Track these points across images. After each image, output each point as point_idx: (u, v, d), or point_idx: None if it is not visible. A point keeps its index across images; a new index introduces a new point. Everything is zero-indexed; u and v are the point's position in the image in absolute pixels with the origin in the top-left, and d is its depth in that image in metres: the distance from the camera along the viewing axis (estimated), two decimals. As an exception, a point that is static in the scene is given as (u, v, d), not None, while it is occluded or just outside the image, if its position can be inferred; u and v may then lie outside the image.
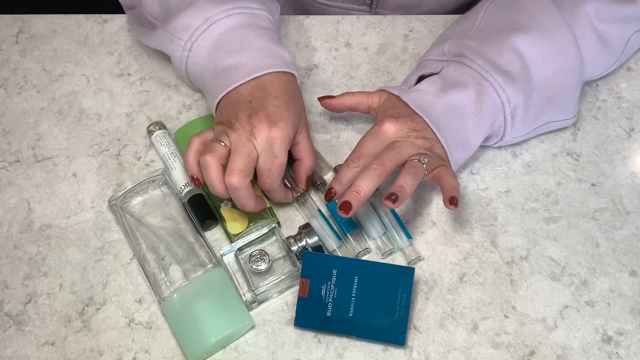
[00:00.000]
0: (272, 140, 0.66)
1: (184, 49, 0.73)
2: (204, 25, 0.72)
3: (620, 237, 0.73)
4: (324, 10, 0.93)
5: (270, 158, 0.66)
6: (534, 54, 0.70)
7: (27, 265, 0.72)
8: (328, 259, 0.69)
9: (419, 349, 0.68)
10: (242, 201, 0.67)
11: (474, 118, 0.70)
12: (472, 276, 0.71)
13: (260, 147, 0.66)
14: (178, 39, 0.73)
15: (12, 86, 0.83)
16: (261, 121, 0.66)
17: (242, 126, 0.66)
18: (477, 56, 0.70)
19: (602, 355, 0.67)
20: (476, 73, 0.70)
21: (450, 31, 0.77)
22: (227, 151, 0.66)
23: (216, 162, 0.66)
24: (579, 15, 0.72)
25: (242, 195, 0.67)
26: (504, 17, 0.73)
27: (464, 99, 0.70)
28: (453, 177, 0.66)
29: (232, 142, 0.66)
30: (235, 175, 0.65)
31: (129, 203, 0.74)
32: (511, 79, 0.69)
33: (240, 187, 0.65)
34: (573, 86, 0.73)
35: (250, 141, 0.66)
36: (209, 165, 0.66)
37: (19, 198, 0.76)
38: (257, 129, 0.66)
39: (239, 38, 0.72)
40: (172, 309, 0.68)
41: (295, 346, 0.68)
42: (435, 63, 0.74)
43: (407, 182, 0.65)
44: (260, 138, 0.66)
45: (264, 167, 0.67)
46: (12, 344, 0.69)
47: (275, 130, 0.66)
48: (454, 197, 0.65)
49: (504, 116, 0.71)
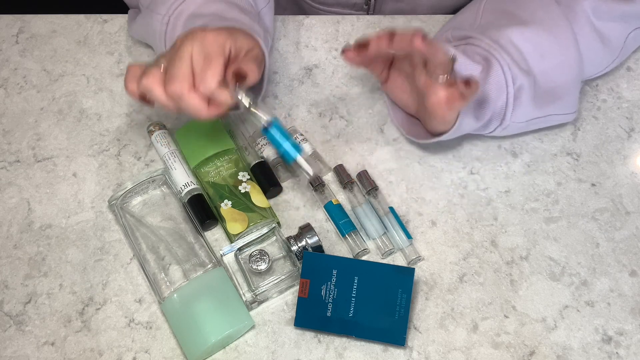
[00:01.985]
0: (204, 39, 0.63)
1: (162, 22, 0.73)
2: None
3: (620, 237, 0.73)
4: None
5: (201, 56, 0.63)
6: (532, 48, 0.70)
7: (27, 265, 0.72)
8: (328, 259, 0.69)
9: (419, 349, 0.68)
10: (192, 109, 0.64)
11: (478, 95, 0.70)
12: (472, 276, 0.71)
13: (191, 48, 0.63)
14: (157, 14, 0.74)
15: (12, 86, 0.83)
16: (196, 28, 0.64)
17: (177, 41, 0.64)
18: (484, 37, 0.71)
19: (602, 355, 0.67)
20: (484, 50, 0.70)
21: (450, 24, 0.78)
22: (163, 72, 0.64)
23: (155, 82, 0.64)
24: (577, 12, 0.72)
25: (189, 101, 0.63)
26: (504, 12, 0.74)
27: (473, 72, 0.69)
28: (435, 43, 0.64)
29: (167, 59, 0.64)
30: (171, 84, 0.63)
31: (129, 203, 0.74)
32: (516, 62, 0.69)
33: (181, 93, 0.63)
34: (573, 81, 0.73)
35: (182, 46, 0.63)
36: (149, 87, 0.64)
37: (19, 198, 0.76)
38: (190, 32, 0.64)
39: (213, 9, 0.73)
40: (172, 309, 0.68)
41: (295, 346, 0.68)
42: None
43: None
44: (191, 39, 0.63)
45: (196, 68, 0.63)
46: (12, 344, 0.69)
47: (208, 31, 0.64)
48: (422, 35, 0.62)
49: (507, 96, 0.70)
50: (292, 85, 0.82)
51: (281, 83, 0.82)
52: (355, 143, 0.78)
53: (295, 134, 0.78)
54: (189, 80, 0.63)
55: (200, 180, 0.75)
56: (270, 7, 0.81)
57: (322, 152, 0.78)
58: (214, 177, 0.74)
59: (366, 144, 0.78)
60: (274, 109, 0.80)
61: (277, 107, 0.81)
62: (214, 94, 0.64)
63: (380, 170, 0.76)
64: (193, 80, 0.63)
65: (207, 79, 0.63)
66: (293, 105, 0.81)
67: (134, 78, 0.65)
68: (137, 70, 0.65)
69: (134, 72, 0.65)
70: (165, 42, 0.75)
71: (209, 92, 0.63)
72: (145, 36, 0.80)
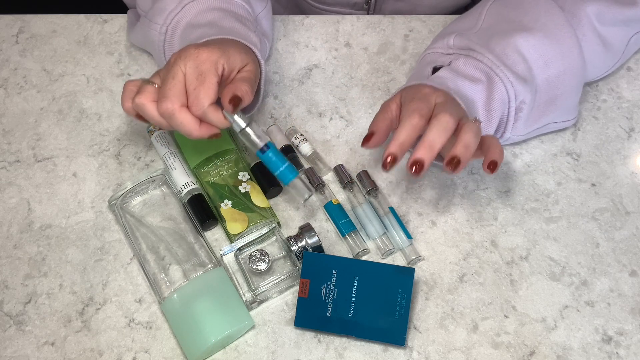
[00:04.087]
0: (197, 58, 0.63)
1: (160, 32, 0.74)
2: (178, 7, 0.73)
3: (620, 237, 0.73)
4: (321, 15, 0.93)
5: (194, 75, 0.63)
6: (537, 56, 0.70)
7: (27, 265, 0.72)
8: (328, 259, 0.69)
9: (419, 349, 0.68)
10: (182, 127, 0.64)
11: (484, 113, 0.70)
12: (472, 276, 0.71)
13: (185, 67, 0.63)
14: (155, 24, 0.74)
15: (12, 86, 0.83)
16: (190, 46, 0.64)
17: (171, 59, 0.64)
18: (487, 51, 0.70)
19: (602, 355, 0.67)
20: (487, 67, 0.70)
21: (451, 27, 0.77)
22: (156, 89, 0.64)
23: (148, 100, 0.64)
24: (581, 18, 0.72)
25: (180, 120, 0.63)
26: (507, 18, 0.73)
27: (476, 93, 0.69)
28: (494, 138, 0.64)
29: (161, 77, 0.64)
30: (162, 103, 0.63)
31: (129, 203, 0.74)
32: (519, 78, 0.69)
33: (172, 112, 0.63)
34: (575, 88, 0.73)
35: (175, 65, 0.63)
36: (142, 105, 0.64)
37: (19, 198, 0.76)
38: (184, 50, 0.64)
39: (209, 18, 0.73)
40: (172, 309, 0.68)
41: (295, 346, 0.68)
42: (441, 56, 0.74)
43: (470, 141, 0.61)
44: (185, 57, 0.63)
45: (189, 87, 0.63)
46: (12, 344, 0.69)
47: (201, 49, 0.63)
48: (495, 162, 0.62)
49: (508, 112, 0.70)
50: (292, 85, 0.82)
51: (281, 83, 0.82)
52: (355, 143, 0.78)
53: (295, 134, 0.78)
54: (180, 99, 0.63)
55: (200, 180, 0.75)
56: (268, 9, 0.81)
57: (322, 152, 0.78)
58: (213, 177, 0.74)
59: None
60: (274, 109, 0.80)
61: (277, 107, 0.81)
62: (206, 114, 0.63)
63: (380, 170, 0.76)
64: (186, 99, 0.63)
65: (200, 98, 0.63)
66: (293, 105, 0.81)
67: (130, 96, 0.66)
68: (133, 88, 0.66)
69: (130, 90, 0.66)
70: (165, 52, 0.75)
71: (202, 112, 0.63)
72: (144, 44, 0.80)
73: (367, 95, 0.81)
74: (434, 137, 0.61)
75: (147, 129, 0.78)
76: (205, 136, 0.65)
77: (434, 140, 0.61)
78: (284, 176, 0.67)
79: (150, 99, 0.64)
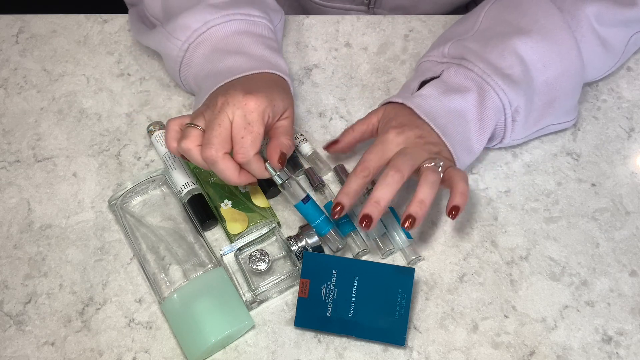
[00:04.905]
0: (245, 107, 0.64)
1: (180, 49, 0.74)
2: (203, 28, 0.73)
3: (620, 237, 0.73)
4: (322, 11, 0.93)
5: (242, 125, 0.64)
6: (535, 58, 0.70)
7: (27, 265, 0.72)
8: (328, 259, 0.69)
9: (419, 349, 0.68)
10: (223, 174, 0.66)
11: (477, 122, 0.70)
12: (472, 276, 0.71)
13: (232, 115, 0.64)
14: (175, 39, 0.74)
15: (12, 86, 0.83)
16: (236, 90, 0.65)
17: (217, 102, 0.65)
18: (478, 59, 0.70)
19: (602, 355, 0.67)
20: (477, 77, 0.70)
21: (450, 32, 0.77)
22: (201, 132, 0.65)
23: (193, 145, 0.65)
24: (580, 18, 0.72)
25: (222, 167, 0.65)
26: (505, 19, 0.73)
27: (467, 103, 0.70)
28: (464, 180, 0.66)
29: (206, 120, 0.65)
30: (207, 149, 0.64)
31: (129, 203, 0.74)
32: (512, 82, 0.69)
33: (215, 159, 0.64)
34: (574, 89, 0.73)
35: (222, 112, 0.64)
36: (188, 150, 0.65)
37: (19, 198, 0.76)
38: (231, 96, 0.64)
39: (237, 43, 0.73)
40: (172, 309, 0.68)
41: (295, 346, 0.68)
42: (435, 65, 0.74)
43: (426, 195, 0.64)
44: (232, 105, 0.64)
45: (236, 136, 0.64)
46: (12, 344, 0.69)
47: (250, 98, 0.64)
48: (457, 207, 0.65)
49: (505, 118, 0.71)
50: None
51: (281, 83, 0.82)
52: (355, 143, 0.78)
53: (295, 134, 0.78)
54: (225, 146, 0.64)
55: (200, 180, 0.75)
56: (282, 20, 0.82)
57: (322, 152, 0.78)
58: (214, 177, 0.74)
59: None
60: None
61: (277, 107, 0.81)
62: (250, 163, 0.65)
63: (380, 170, 0.76)
64: (230, 146, 0.65)
65: (247, 148, 0.64)
66: (293, 105, 0.81)
67: (174, 136, 0.67)
68: (177, 127, 0.68)
69: (174, 130, 0.68)
70: (180, 68, 0.75)
71: (246, 162, 0.65)
72: (155, 48, 0.79)
73: (367, 95, 0.81)
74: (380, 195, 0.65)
75: (147, 129, 0.79)
76: (243, 184, 0.67)
77: (380, 198, 0.65)
78: (321, 228, 0.69)
79: (196, 144, 0.65)
